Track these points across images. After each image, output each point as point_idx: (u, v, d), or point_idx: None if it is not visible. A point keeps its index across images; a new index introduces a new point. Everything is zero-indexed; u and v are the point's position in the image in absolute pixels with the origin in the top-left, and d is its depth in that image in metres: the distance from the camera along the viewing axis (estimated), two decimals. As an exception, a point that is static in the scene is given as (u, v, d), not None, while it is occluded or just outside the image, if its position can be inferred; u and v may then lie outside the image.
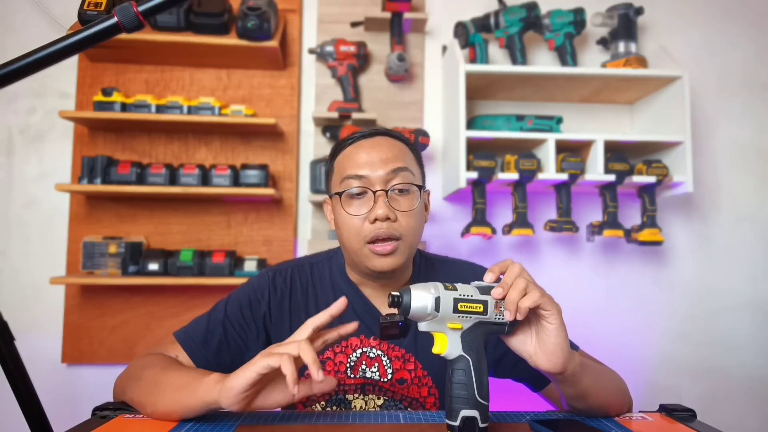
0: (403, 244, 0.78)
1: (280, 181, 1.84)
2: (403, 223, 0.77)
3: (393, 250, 0.77)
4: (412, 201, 0.79)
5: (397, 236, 0.77)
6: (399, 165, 0.78)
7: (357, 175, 0.78)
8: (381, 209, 0.75)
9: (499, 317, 0.60)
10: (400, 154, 0.80)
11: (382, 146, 0.80)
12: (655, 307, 1.92)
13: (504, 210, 1.89)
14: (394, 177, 0.78)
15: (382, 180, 0.77)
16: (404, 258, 0.79)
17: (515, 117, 1.76)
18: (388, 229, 0.76)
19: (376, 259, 0.77)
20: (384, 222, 0.76)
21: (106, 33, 0.50)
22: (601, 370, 0.76)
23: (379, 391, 0.83)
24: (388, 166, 0.78)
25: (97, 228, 1.77)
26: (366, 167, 0.78)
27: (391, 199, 0.77)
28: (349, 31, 1.87)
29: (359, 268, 0.82)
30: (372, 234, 0.76)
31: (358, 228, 0.77)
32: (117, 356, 1.73)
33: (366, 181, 0.77)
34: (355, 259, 0.80)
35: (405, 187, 0.78)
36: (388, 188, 0.77)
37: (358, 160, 0.79)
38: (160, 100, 1.71)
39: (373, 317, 0.84)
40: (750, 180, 1.97)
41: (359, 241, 0.77)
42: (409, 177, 0.79)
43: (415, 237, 0.80)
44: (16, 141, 1.80)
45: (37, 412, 0.50)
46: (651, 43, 1.94)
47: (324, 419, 0.69)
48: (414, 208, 0.78)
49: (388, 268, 0.78)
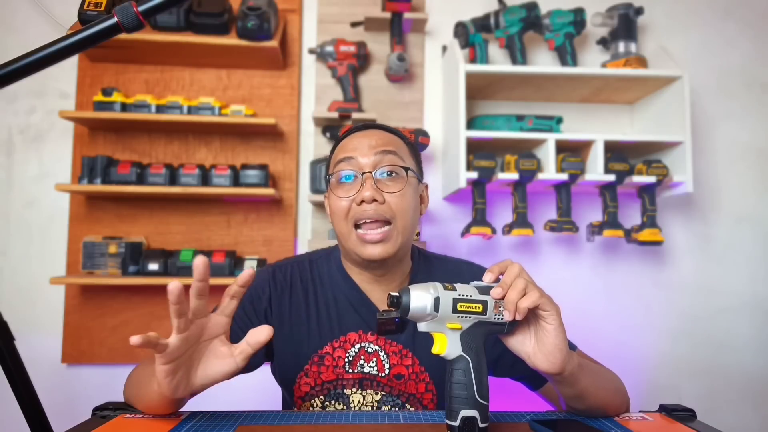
0: (395, 230, 0.78)
1: (280, 181, 1.84)
2: (392, 205, 0.77)
3: (383, 238, 0.77)
4: (401, 184, 0.79)
5: (386, 218, 0.77)
6: (386, 148, 0.80)
7: (346, 157, 0.80)
8: (368, 191, 0.76)
9: (499, 317, 0.60)
10: (390, 141, 0.82)
11: (374, 134, 0.83)
12: (655, 307, 1.92)
13: (504, 210, 1.89)
14: (382, 160, 0.79)
15: (370, 164, 0.79)
16: (397, 245, 0.78)
17: (515, 117, 1.76)
18: (376, 210, 0.76)
19: (365, 247, 0.77)
20: (371, 204, 0.76)
21: (106, 33, 0.51)
22: (600, 370, 0.76)
23: (377, 386, 0.83)
24: (377, 149, 0.80)
25: (97, 228, 1.77)
26: (356, 150, 0.80)
27: (379, 183, 0.78)
28: (349, 31, 1.87)
29: (352, 258, 0.82)
30: (359, 216, 0.77)
31: (345, 210, 0.78)
32: (117, 356, 1.74)
33: (354, 163, 0.79)
34: (346, 246, 0.81)
35: (392, 169, 0.79)
36: (374, 170, 0.78)
37: (349, 146, 0.82)
38: (160, 100, 1.71)
39: (371, 312, 0.84)
40: (750, 180, 1.97)
41: (347, 225, 0.78)
42: (398, 161, 0.80)
43: (408, 222, 0.80)
44: (16, 141, 1.80)
45: (37, 412, 0.50)
46: (651, 43, 1.94)
47: (324, 419, 0.69)
48: (401, 189, 0.79)
49: (378, 256, 0.77)
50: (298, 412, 0.74)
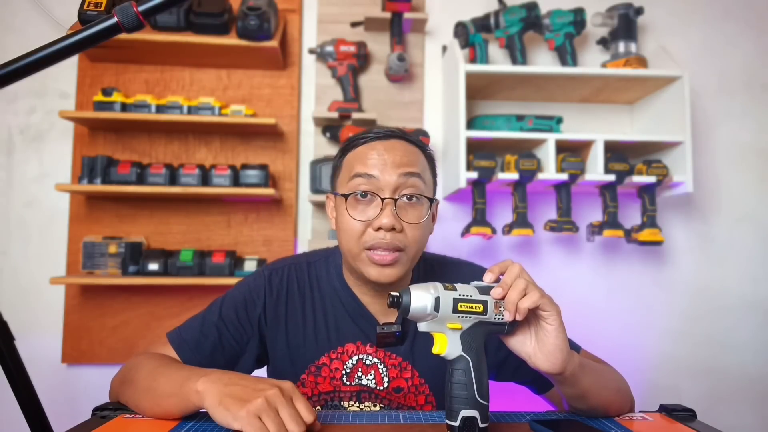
0: (405, 256, 0.75)
1: (280, 181, 1.84)
2: (408, 235, 0.74)
3: (393, 261, 0.73)
4: (421, 212, 0.75)
5: (400, 247, 0.73)
6: (411, 170, 0.74)
7: (367, 173, 0.74)
8: (387, 218, 0.72)
9: (499, 317, 0.60)
10: (415, 160, 0.76)
11: (396, 149, 0.76)
12: (655, 306, 1.92)
13: (504, 210, 1.89)
14: (405, 183, 0.74)
15: (392, 185, 0.73)
16: (404, 270, 0.76)
17: (515, 117, 1.76)
18: (392, 239, 0.72)
19: (374, 268, 0.74)
20: (388, 232, 0.72)
21: (106, 33, 0.50)
22: (602, 370, 0.75)
23: (375, 399, 0.81)
24: (400, 170, 0.74)
25: (97, 228, 1.77)
26: (377, 168, 0.74)
27: (398, 208, 0.73)
28: (349, 31, 1.87)
29: (356, 273, 0.79)
30: (373, 242, 0.73)
31: (359, 233, 0.74)
32: (117, 356, 1.73)
33: (375, 182, 0.74)
34: (352, 264, 0.77)
35: (415, 195, 0.75)
36: (396, 196, 0.73)
37: (369, 159, 0.75)
38: (160, 100, 1.71)
39: (370, 324, 0.82)
40: (750, 180, 1.97)
41: (359, 246, 0.74)
42: (421, 186, 0.75)
43: (419, 250, 0.77)
44: (16, 141, 1.80)
45: (37, 412, 0.50)
46: (651, 43, 1.94)
47: (323, 419, 0.69)
48: (422, 221, 0.75)
49: (386, 281, 0.74)
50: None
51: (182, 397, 0.64)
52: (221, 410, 0.59)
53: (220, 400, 0.60)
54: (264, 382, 0.62)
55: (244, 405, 0.58)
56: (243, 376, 0.64)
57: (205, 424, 0.66)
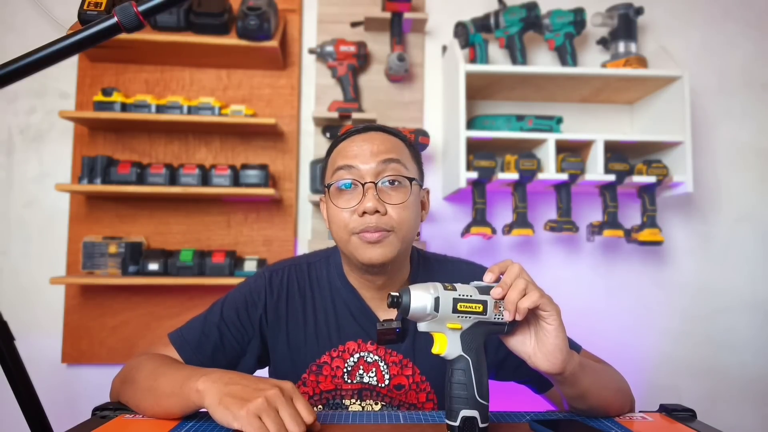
0: (395, 237, 0.75)
1: (280, 181, 1.84)
2: (393, 216, 0.75)
3: (381, 238, 0.74)
4: (404, 194, 0.76)
5: (387, 229, 0.75)
6: (390, 156, 0.77)
7: (347, 165, 0.77)
8: (369, 202, 0.73)
9: (499, 317, 0.60)
10: (393, 147, 0.79)
11: (374, 139, 0.79)
12: (655, 307, 1.92)
13: (504, 210, 1.89)
14: (385, 169, 0.76)
15: (372, 172, 0.76)
16: (395, 250, 0.76)
17: (515, 117, 1.76)
18: (377, 222, 0.74)
19: (364, 249, 0.75)
20: (372, 215, 0.74)
21: (106, 33, 0.50)
22: (603, 370, 0.75)
23: (377, 397, 0.82)
24: (379, 157, 0.76)
25: (97, 228, 1.77)
26: (357, 158, 0.77)
27: (381, 192, 0.75)
28: (349, 31, 1.87)
29: (353, 263, 0.80)
30: (360, 227, 0.74)
31: (346, 221, 0.76)
32: (117, 356, 1.73)
33: (355, 171, 0.76)
34: (345, 252, 0.79)
35: (395, 179, 0.76)
36: (377, 180, 0.76)
37: (349, 152, 0.78)
38: (160, 100, 1.71)
39: (371, 321, 0.82)
40: (750, 180, 1.97)
41: (347, 233, 0.76)
42: (401, 170, 0.77)
43: (408, 231, 0.77)
44: (16, 141, 1.80)
45: (37, 412, 0.50)
46: (651, 43, 1.94)
47: (324, 419, 0.69)
48: (405, 201, 0.76)
49: (378, 260, 0.75)
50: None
51: (183, 396, 0.64)
52: (221, 409, 0.59)
53: (220, 400, 0.60)
54: (264, 382, 0.63)
55: (244, 404, 0.58)
56: (244, 375, 0.65)
57: (205, 424, 0.66)
